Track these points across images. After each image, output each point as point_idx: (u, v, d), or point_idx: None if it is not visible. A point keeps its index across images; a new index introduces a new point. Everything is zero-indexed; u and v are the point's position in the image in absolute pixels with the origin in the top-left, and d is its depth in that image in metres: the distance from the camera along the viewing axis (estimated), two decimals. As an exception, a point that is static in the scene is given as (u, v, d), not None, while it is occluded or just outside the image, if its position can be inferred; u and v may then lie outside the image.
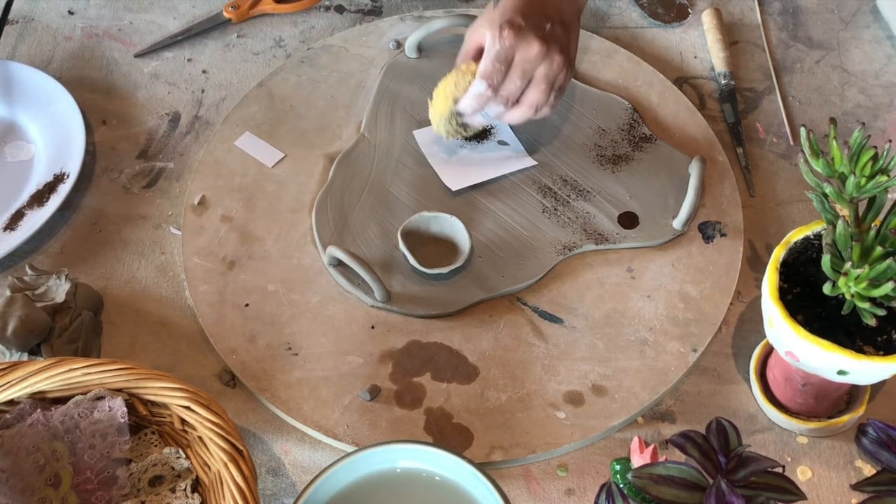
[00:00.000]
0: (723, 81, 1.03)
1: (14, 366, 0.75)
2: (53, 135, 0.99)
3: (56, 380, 0.74)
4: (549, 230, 0.92)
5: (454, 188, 0.94)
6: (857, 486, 0.69)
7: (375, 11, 1.11)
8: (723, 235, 0.92)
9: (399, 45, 1.05)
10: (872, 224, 0.71)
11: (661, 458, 0.72)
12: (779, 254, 0.74)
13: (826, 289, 0.70)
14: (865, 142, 0.69)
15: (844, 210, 0.70)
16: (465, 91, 0.89)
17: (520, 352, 0.86)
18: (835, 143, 0.70)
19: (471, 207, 0.93)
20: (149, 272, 0.92)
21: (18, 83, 1.03)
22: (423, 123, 0.98)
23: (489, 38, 0.86)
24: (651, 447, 0.72)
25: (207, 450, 0.75)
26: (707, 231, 0.92)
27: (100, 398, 0.76)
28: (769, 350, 0.84)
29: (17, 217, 0.93)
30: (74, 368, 0.74)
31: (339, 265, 0.89)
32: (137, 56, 1.08)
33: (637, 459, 0.73)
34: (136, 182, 0.98)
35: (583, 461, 0.81)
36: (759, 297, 0.79)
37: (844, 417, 0.81)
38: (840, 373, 0.71)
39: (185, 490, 0.75)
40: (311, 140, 0.99)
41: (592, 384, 0.84)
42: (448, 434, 0.81)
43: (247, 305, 0.88)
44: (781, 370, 0.80)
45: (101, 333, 0.88)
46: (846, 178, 0.69)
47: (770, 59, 1.06)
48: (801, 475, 0.80)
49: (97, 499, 0.75)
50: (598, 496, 0.66)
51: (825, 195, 0.70)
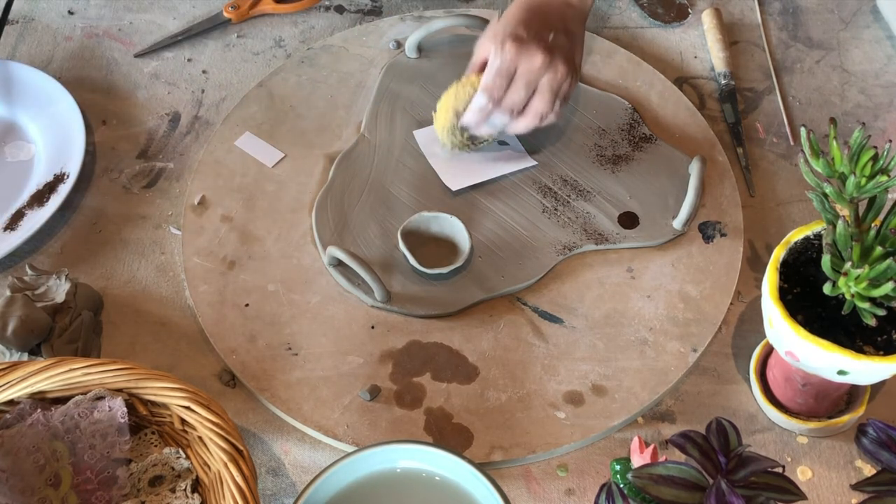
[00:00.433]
0: (723, 81, 1.03)
1: (14, 366, 0.75)
2: (53, 135, 0.99)
3: (56, 380, 0.74)
4: (549, 230, 0.92)
5: (454, 188, 0.94)
6: (857, 486, 0.69)
7: (375, 11, 1.11)
8: (723, 235, 0.92)
9: (399, 45, 1.05)
10: (872, 224, 0.71)
11: (661, 458, 0.72)
12: (779, 254, 0.74)
13: (826, 289, 0.70)
14: (865, 142, 0.69)
15: (844, 210, 0.70)
16: (466, 103, 0.90)
17: (520, 352, 0.85)
18: (835, 143, 0.70)
19: (471, 207, 0.93)
20: (149, 272, 0.92)
21: (18, 83, 1.03)
22: (423, 123, 0.98)
23: (492, 52, 0.88)
24: (651, 447, 0.72)
25: (207, 450, 0.75)
26: (707, 231, 0.92)
27: (100, 398, 0.76)
28: (769, 350, 0.84)
29: (17, 217, 0.93)
30: (74, 368, 0.74)
31: (339, 265, 0.89)
32: (137, 56, 1.08)
33: (637, 459, 0.73)
34: (136, 182, 0.98)
35: (583, 461, 0.81)
36: (759, 297, 0.79)
37: (844, 417, 0.81)
38: (840, 373, 0.71)
39: (185, 490, 0.75)
40: (311, 140, 0.99)
41: (592, 384, 0.84)
42: (448, 434, 0.81)
43: (247, 305, 0.88)
44: (781, 370, 0.80)
45: (101, 333, 0.88)
46: (846, 178, 0.69)
47: (770, 59, 1.06)
48: (801, 475, 0.80)
49: (97, 499, 0.75)
50: (598, 496, 0.66)
51: (825, 195, 0.70)
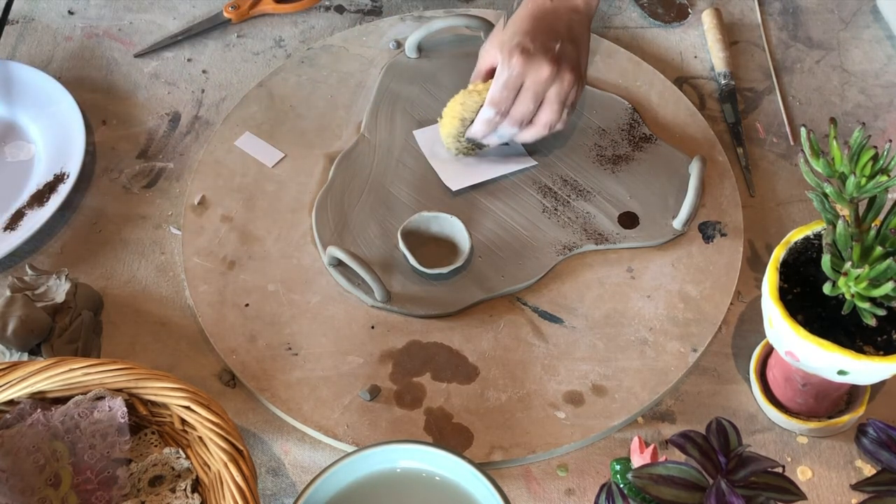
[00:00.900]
0: (723, 81, 1.03)
1: (14, 366, 0.75)
2: (53, 135, 0.99)
3: (56, 380, 0.74)
4: (549, 230, 0.92)
5: (454, 188, 0.94)
6: (857, 486, 0.69)
7: (375, 11, 1.11)
8: (723, 235, 0.92)
9: (399, 45, 1.05)
10: (872, 224, 0.71)
11: (661, 458, 0.72)
12: (779, 254, 0.74)
13: (826, 289, 0.70)
14: (865, 142, 0.69)
15: (844, 210, 0.70)
16: (473, 111, 0.90)
17: (520, 352, 0.85)
18: (835, 143, 0.70)
19: (471, 207, 0.93)
20: (149, 272, 0.92)
21: (18, 83, 1.03)
22: (423, 123, 0.98)
23: (499, 64, 0.88)
24: (651, 447, 0.72)
25: (207, 450, 0.75)
26: (707, 231, 0.92)
27: (100, 398, 0.76)
28: (769, 350, 0.84)
29: (17, 217, 0.93)
30: (74, 368, 0.74)
31: (339, 265, 0.89)
32: (137, 56, 1.08)
33: (637, 459, 0.73)
34: (136, 182, 0.98)
35: (583, 461, 0.81)
36: (759, 297, 0.79)
37: (844, 417, 0.81)
38: (840, 373, 0.71)
39: (185, 490, 0.75)
40: (311, 140, 0.99)
41: (592, 384, 0.84)
42: (448, 434, 0.81)
43: (247, 305, 0.88)
44: (781, 370, 0.80)
45: (101, 333, 0.88)
46: (846, 178, 0.69)
47: (770, 59, 1.06)
48: (801, 475, 0.80)
49: (97, 499, 0.75)
50: (598, 496, 0.66)
51: (825, 195, 0.70)
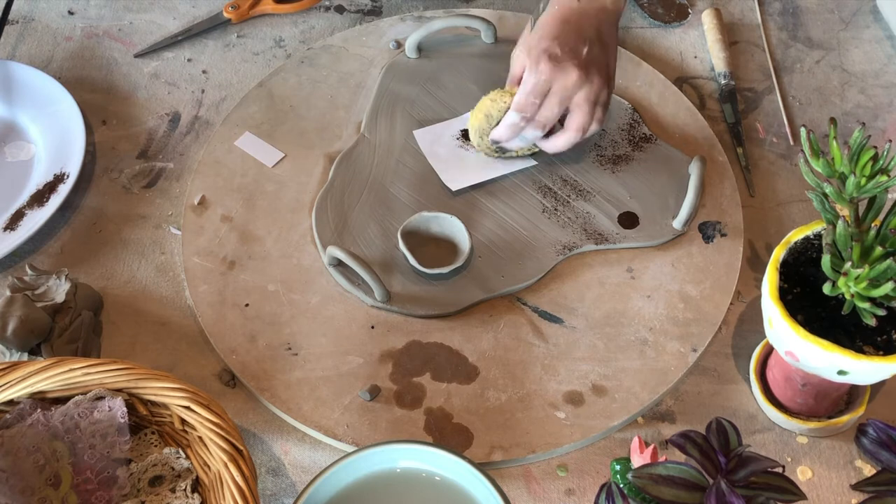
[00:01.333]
0: (723, 81, 1.03)
1: (14, 366, 0.75)
2: (53, 135, 0.99)
3: (56, 380, 0.74)
4: (549, 230, 0.92)
5: (454, 188, 0.94)
6: (857, 486, 0.69)
7: (375, 11, 1.11)
8: (723, 235, 0.92)
9: (399, 45, 1.05)
10: (872, 224, 0.71)
11: (661, 458, 0.72)
12: (779, 254, 0.74)
13: (826, 289, 0.70)
14: (865, 142, 0.69)
15: (844, 210, 0.70)
16: (501, 111, 0.90)
17: (520, 352, 0.85)
18: (835, 143, 0.70)
19: (471, 207, 0.93)
20: (149, 272, 0.92)
21: (18, 83, 1.03)
22: (423, 123, 0.98)
23: (526, 70, 0.87)
24: (651, 447, 0.72)
25: (207, 450, 0.75)
26: (707, 231, 0.92)
27: (100, 398, 0.76)
28: (769, 350, 0.84)
29: (17, 217, 0.93)
30: (74, 368, 0.74)
31: (339, 265, 0.89)
32: (137, 56, 1.08)
33: (637, 459, 0.73)
34: (136, 182, 0.98)
35: (583, 461, 0.81)
36: (759, 297, 0.79)
37: (844, 417, 0.81)
38: (840, 373, 0.71)
39: (185, 490, 0.75)
40: (311, 140, 0.99)
41: (592, 384, 0.84)
42: (448, 434, 0.81)
43: (247, 305, 0.88)
44: (781, 370, 0.80)
45: (101, 333, 0.88)
46: (846, 178, 0.69)
47: (770, 59, 1.06)
48: (801, 475, 0.80)
49: (97, 499, 0.75)
50: (598, 496, 0.66)
51: (825, 195, 0.70)
